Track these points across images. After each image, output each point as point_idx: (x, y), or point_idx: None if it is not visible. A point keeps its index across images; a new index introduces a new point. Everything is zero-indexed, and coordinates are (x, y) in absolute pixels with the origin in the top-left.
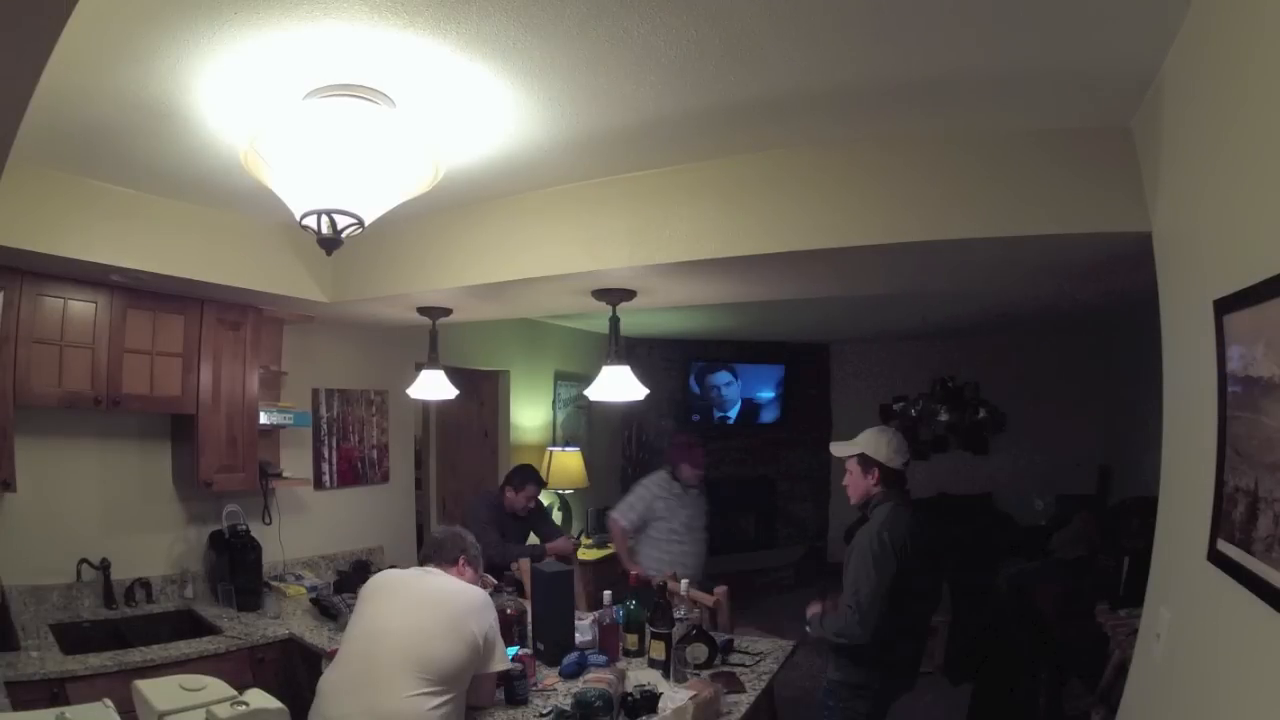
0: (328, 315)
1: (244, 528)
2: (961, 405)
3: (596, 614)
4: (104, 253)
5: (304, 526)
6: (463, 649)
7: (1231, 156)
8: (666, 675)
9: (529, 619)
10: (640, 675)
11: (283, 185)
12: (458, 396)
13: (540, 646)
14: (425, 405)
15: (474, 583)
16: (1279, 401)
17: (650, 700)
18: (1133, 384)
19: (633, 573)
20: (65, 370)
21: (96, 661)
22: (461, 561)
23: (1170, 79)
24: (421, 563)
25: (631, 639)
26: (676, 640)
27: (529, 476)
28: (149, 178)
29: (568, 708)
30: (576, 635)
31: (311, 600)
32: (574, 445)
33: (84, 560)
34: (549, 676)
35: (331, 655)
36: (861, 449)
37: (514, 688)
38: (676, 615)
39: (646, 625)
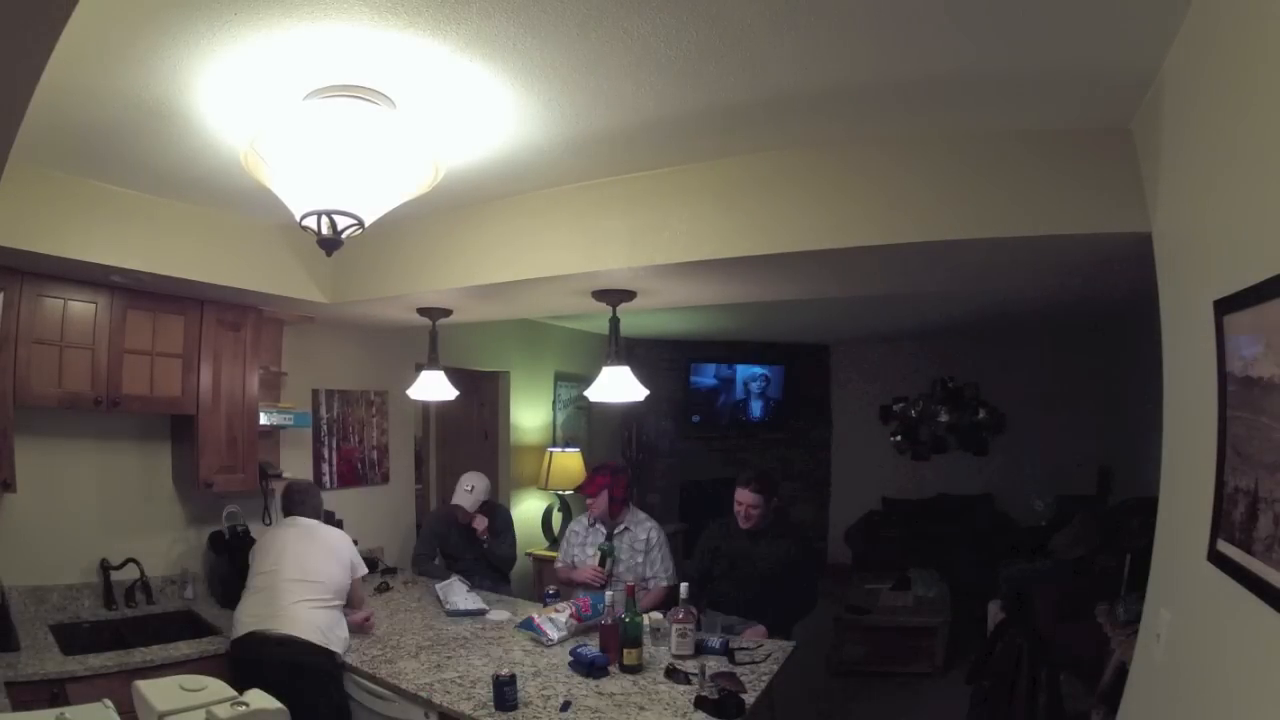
0: (328, 316)
1: (244, 528)
2: (961, 406)
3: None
4: (104, 254)
5: None
6: (338, 568)
7: (1231, 157)
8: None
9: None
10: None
11: (283, 186)
12: (458, 397)
13: None
14: (425, 406)
15: None
16: (1279, 401)
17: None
18: (1133, 384)
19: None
20: (65, 370)
21: (96, 662)
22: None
23: (1170, 79)
24: (289, 512)
25: (630, 654)
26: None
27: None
28: (149, 178)
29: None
30: (553, 631)
31: None
32: (574, 446)
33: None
34: None
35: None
36: None
37: (503, 694)
38: None
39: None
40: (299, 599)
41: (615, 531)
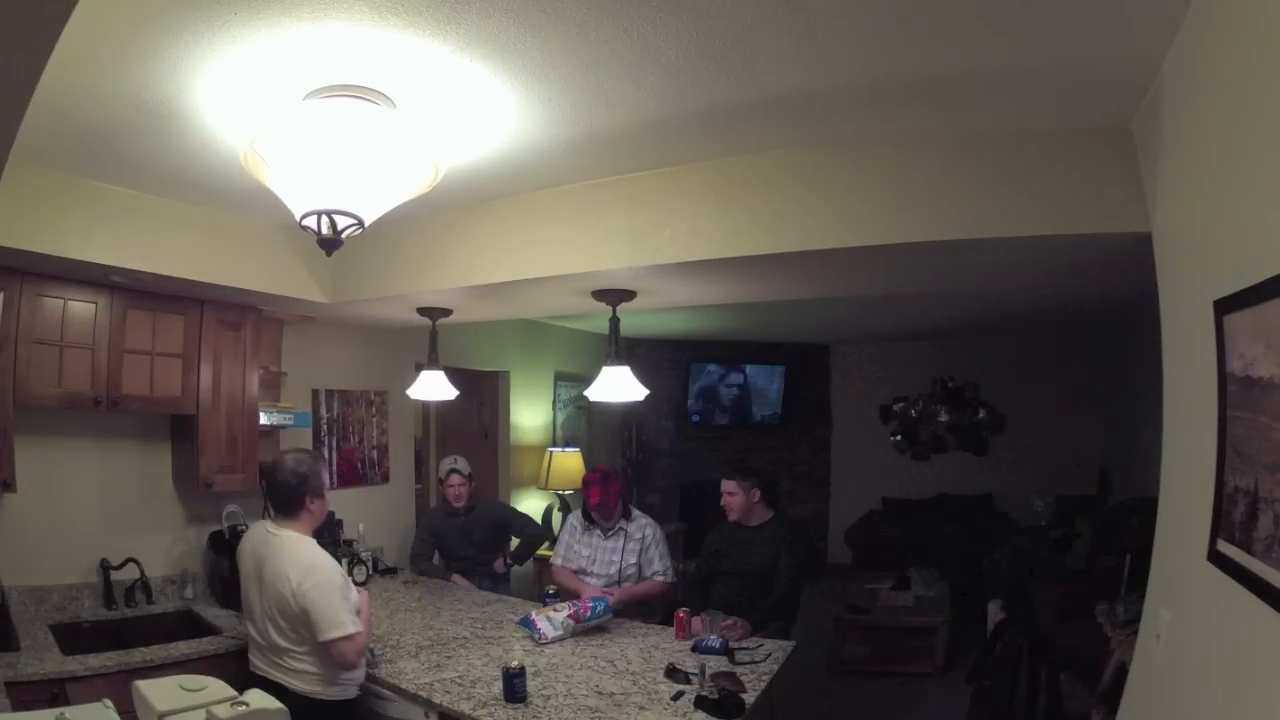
0: (328, 316)
1: (244, 528)
2: (961, 406)
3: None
4: (104, 253)
5: None
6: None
7: (1231, 157)
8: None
9: None
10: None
11: (283, 186)
12: (458, 397)
13: None
14: (425, 406)
15: (322, 514)
16: (1279, 401)
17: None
18: (1133, 384)
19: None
20: (65, 370)
21: (96, 662)
22: (306, 502)
23: (1170, 79)
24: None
25: None
26: None
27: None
28: (149, 178)
29: None
30: (548, 629)
31: None
32: (574, 446)
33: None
34: None
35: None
36: None
37: (513, 686)
38: None
39: None
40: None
41: (611, 532)
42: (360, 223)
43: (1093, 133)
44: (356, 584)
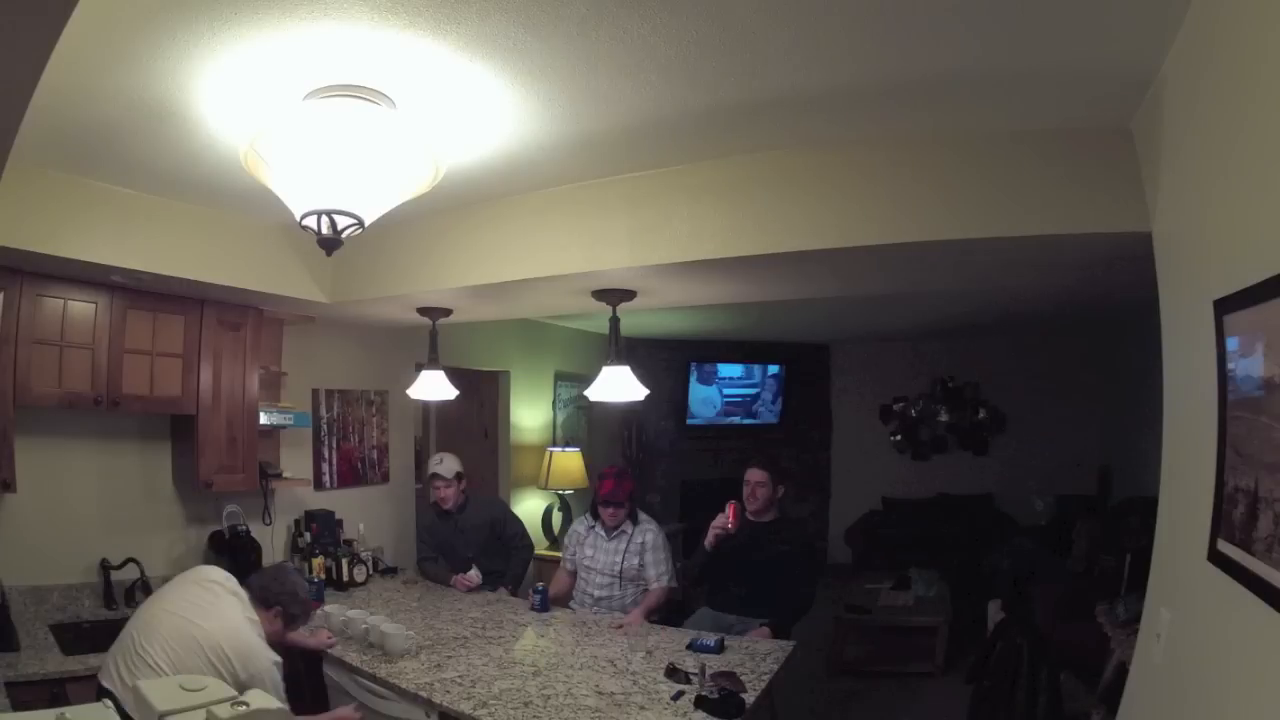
0: (328, 316)
1: (244, 528)
2: (961, 405)
3: None
4: (104, 253)
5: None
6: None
7: (1232, 156)
8: None
9: None
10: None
11: (283, 186)
12: (458, 397)
13: None
14: (425, 405)
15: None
16: (1279, 401)
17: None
18: (1133, 384)
19: None
20: (65, 370)
21: (96, 662)
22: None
23: (1170, 79)
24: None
25: None
26: None
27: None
28: (149, 178)
29: None
30: None
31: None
32: (574, 446)
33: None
34: None
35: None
36: None
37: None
38: None
39: None
40: None
41: (615, 534)
42: (360, 223)
43: (1093, 133)
44: (357, 583)
